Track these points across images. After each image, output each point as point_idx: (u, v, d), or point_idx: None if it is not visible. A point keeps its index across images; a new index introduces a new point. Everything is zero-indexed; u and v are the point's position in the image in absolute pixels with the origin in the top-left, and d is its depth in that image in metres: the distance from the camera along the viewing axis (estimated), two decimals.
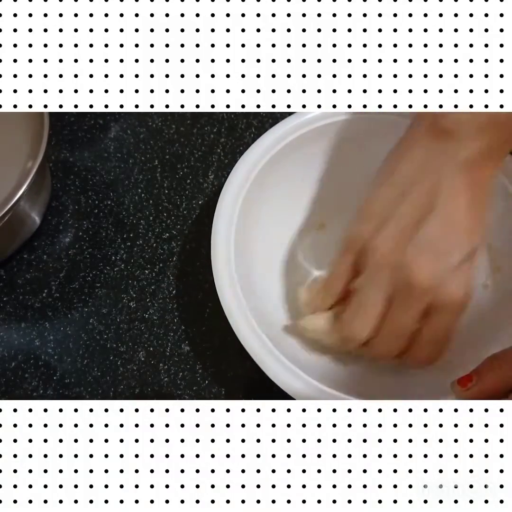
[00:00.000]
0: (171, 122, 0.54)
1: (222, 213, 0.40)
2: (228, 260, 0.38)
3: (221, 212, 0.40)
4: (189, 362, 0.44)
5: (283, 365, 0.35)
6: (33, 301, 0.46)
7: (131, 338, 0.45)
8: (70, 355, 0.44)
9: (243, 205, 0.40)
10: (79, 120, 0.54)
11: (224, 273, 0.38)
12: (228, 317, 0.37)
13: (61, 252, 0.49)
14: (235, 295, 0.37)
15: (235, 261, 0.38)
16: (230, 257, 0.38)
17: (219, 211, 0.40)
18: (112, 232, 0.49)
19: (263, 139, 0.42)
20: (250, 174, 0.41)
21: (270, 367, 0.35)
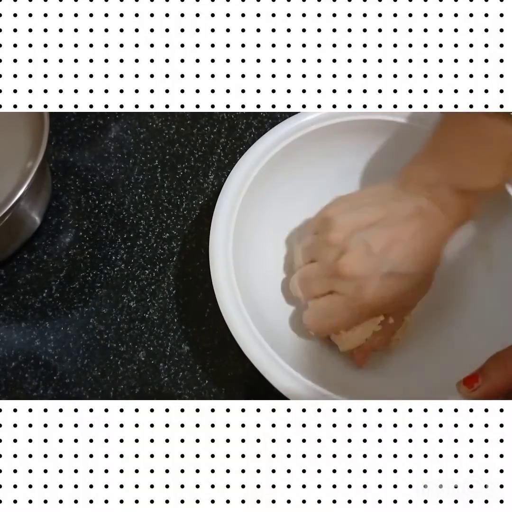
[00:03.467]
0: (171, 122, 0.54)
1: (221, 213, 0.40)
2: (227, 261, 0.38)
3: (220, 212, 0.40)
4: (189, 362, 0.44)
5: (281, 369, 0.35)
6: (33, 301, 0.46)
7: (131, 338, 0.45)
8: (70, 355, 0.44)
9: (242, 205, 0.40)
10: (79, 120, 0.54)
11: (222, 275, 0.38)
12: (225, 318, 0.37)
13: (61, 252, 0.49)
14: (233, 295, 0.37)
15: (233, 262, 0.38)
16: (228, 259, 0.38)
17: (218, 211, 0.40)
18: (112, 232, 0.49)
19: (263, 140, 0.42)
20: (249, 175, 0.41)
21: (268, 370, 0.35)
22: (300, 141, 0.43)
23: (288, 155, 0.43)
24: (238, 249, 0.39)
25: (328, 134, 0.44)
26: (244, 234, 0.41)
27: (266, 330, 0.37)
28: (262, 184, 0.42)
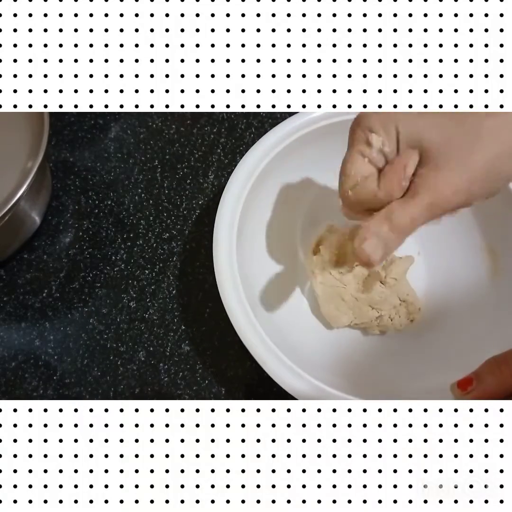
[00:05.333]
0: (171, 122, 0.54)
1: (224, 213, 0.40)
2: (230, 260, 0.38)
3: (222, 212, 0.40)
4: (189, 362, 0.44)
5: (284, 365, 0.35)
6: (33, 301, 0.46)
7: (131, 338, 0.45)
8: (70, 355, 0.44)
9: (245, 206, 0.40)
10: (79, 120, 0.54)
11: (226, 273, 0.38)
12: (228, 313, 0.37)
13: (61, 252, 0.49)
14: (237, 294, 0.37)
15: (237, 260, 0.38)
16: (232, 257, 0.38)
17: (220, 212, 0.40)
18: (112, 232, 0.49)
19: (264, 140, 0.42)
20: (251, 175, 0.41)
21: (271, 367, 0.35)
22: (300, 141, 0.43)
23: (289, 155, 0.43)
24: (241, 249, 0.39)
25: (328, 134, 0.44)
26: (247, 235, 0.41)
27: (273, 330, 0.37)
28: (263, 185, 0.42)
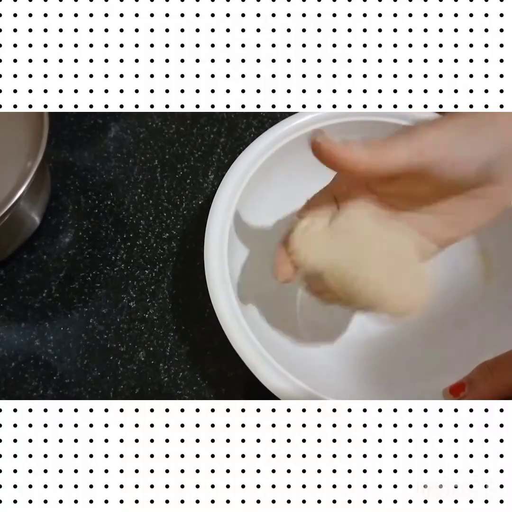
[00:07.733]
0: (171, 122, 0.54)
1: (216, 213, 0.40)
2: (221, 262, 0.38)
3: (215, 212, 0.40)
4: (189, 362, 0.44)
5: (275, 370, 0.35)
6: (33, 301, 0.46)
7: (131, 338, 0.45)
8: (70, 355, 0.44)
9: (239, 204, 0.40)
10: (79, 120, 0.54)
11: (216, 275, 0.38)
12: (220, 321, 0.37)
13: (61, 252, 0.48)
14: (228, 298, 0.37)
15: (228, 262, 0.38)
16: (223, 259, 0.38)
17: (213, 211, 0.40)
18: (112, 232, 0.49)
19: (261, 138, 0.42)
20: (246, 175, 0.41)
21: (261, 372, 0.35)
22: (298, 141, 0.43)
23: (285, 156, 0.43)
24: (233, 250, 0.39)
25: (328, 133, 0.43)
26: (240, 234, 0.41)
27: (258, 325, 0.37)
28: (259, 182, 0.42)
